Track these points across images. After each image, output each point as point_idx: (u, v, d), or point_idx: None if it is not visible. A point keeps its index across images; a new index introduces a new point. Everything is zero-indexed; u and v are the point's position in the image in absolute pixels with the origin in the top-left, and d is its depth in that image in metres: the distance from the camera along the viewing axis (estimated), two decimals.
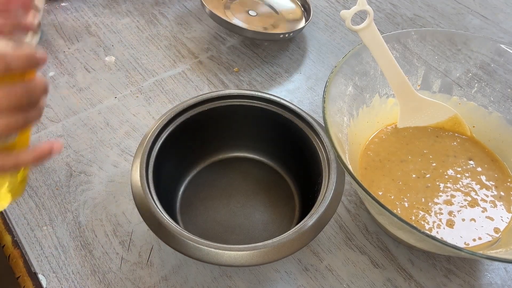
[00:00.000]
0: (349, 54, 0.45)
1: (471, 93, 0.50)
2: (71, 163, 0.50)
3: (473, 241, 0.42)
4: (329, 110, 0.41)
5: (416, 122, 0.51)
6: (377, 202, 0.34)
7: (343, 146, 0.42)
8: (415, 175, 0.46)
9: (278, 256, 0.34)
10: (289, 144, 0.46)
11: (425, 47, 0.50)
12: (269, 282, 0.42)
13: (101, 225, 0.45)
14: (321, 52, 0.66)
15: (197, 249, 0.34)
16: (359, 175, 0.46)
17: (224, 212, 0.46)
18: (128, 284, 0.41)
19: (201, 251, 0.34)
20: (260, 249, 0.34)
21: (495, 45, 0.48)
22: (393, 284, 0.42)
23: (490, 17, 0.75)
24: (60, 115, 0.55)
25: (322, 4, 0.75)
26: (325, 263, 0.44)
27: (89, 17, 0.69)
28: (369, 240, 0.45)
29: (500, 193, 0.45)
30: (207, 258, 0.34)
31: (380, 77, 0.48)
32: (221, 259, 0.34)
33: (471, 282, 0.43)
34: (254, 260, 0.34)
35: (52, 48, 0.63)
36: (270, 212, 0.46)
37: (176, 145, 0.44)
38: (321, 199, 0.38)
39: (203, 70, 0.62)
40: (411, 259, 0.44)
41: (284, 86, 0.61)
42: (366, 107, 0.49)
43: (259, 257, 0.34)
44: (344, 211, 0.48)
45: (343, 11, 0.40)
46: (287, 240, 0.35)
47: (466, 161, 0.48)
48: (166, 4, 0.73)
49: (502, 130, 0.49)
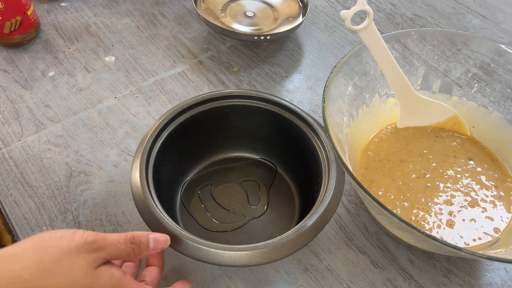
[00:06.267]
0: (349, 54, 0.45)
1: (471, 93, 0.50)
2: (71, 163, 0.50)
3: (473, 241, 0.42)
4: (329, 110, 0.41)
5: (416, 122, 0.51)
6: (377, 202, 0.34)
7: (343, 146, 0.42)
8: (415, 175, 0.46)
9: (278, 256, 0.34)
10: (289, 144, 0.46)
11: (425, 47, 0.50)
12: (269, 282, 0.42)
13: (101, 225, 0.45)
14: (321, 52, 0.66)
15: (197, 249, 0.34)
16: (359, 175, 0.46)
17: (224, 212, 0.46)
18: None
19: (201, 251, 0.34)
20: (260, 249, 0.34)
21: (495, 45, 0.48)
22: (393, 284, 0.42)
23: (490, 17, 0.75)
24: (60, 115, 0.55)
25: (322, 4, 0.75)
26: (325, 263, 0.44)
27: (89, 17, 0.69)
28: (369, 240, 0.45)
29: (500, 193, 0.45)
30: (207, 258, 0.34)
31: (380, 77, 0.48)
32: (221, 259, 0.34)
33: (471, 282, 0.43)
34: (254, 260, 0.34)
35: (52, 48, 0.63)
36: (270, 212, 0.46)
37: (176, 145, 0.44)
38: (320, 199, 0.38)
39: (203, 70, 0.62)
40: (411, 259, 0.44)
41: (284, 86, 0.61)
42: (366, 107, 0.49)
43: (259, 257, 0.34)
44: (344, 211, 0.48)
45: (343, 11, 0.40)
46: (287, 240, 0.35)
47: (466, 161, 0.48)
48: (166, 4, 0.73)
49: (502, 130, 0.49)
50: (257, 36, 0.61)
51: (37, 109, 0.55)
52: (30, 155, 0.51)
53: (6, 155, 0.51)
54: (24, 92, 0.57)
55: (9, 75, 0.59)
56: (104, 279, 0.29)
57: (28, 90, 0.58)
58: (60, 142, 0.52)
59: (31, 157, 0.51)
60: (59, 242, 0.28)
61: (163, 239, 0.33)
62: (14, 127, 0.53)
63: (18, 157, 0.51)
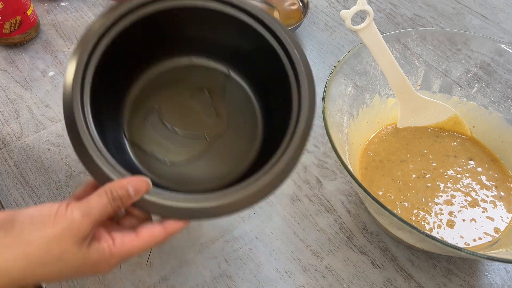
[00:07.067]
0: (349, 54, 0.45)
1: (471, 93, 0.50)
2: (71, 163, 0.50)
3: (474, 241, 0.42)
4: (329, 110, 0.41)
5: (416, 122, 0.51)
6: (377, 202, 0.34)
7: (343, 146, 0.42)
8: (415, 175, 0.46)
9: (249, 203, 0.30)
10: (260, 61, 0.39)
11: (425, 47, 0.50)
12: (269, 282, 0.42)
13: None
14: (321, 52, 0.66)
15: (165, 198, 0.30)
16: (359, 175, 0.46)
17: (182, 138, 0.39)
18: (128, 284, 0.41)
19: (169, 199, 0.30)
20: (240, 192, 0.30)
21: (495, 45, 0.48)
22: (393, 284, 0.42)
23: (490, 17, 0.75)
24: (60, 115, 0.55)
25: (322, 4, 0.75)
26: (325, 263, 0.44)
27: (89, 17, 0.69)
28: (369, 240, 0.45)
29: (500, 193, 0.45)
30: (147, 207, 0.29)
31: (380, 77, 0.48)
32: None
33: (471, 282, 0.43)
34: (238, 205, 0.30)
35: (52, 48, 0.63)
36: (231, 126, 0.40)
37: (125, 48, 0.36)
38: (289, 137, 0.33)
39: None
40: (411, 259, 0.44)
41: None
42: (366, 107, 0.49)
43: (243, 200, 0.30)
44: (344, 211, 0.48)
45: (343, 11, 0.40)
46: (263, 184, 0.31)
47: (466, 161, 0.48)
48: None
49: (502, 130, 0.49)
50: None
51: (37, 109, 0.55)
52: (30, 155, 0.51)
53: (6, 155, 0.51)
54: (24, 92, 0.57)
55: (9, 75, 0.59)
56: (94, 257, 0.28)
57: (28, 90, 0.58)
58: (60, 142, 0.52)
59: (31, 157, 0.51)
60: (42, 231, 0.26)
61: (143, 184, 0.30)
62: (14, 127, 0.53)
63: (18, 157, 0.51)
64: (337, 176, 0.50)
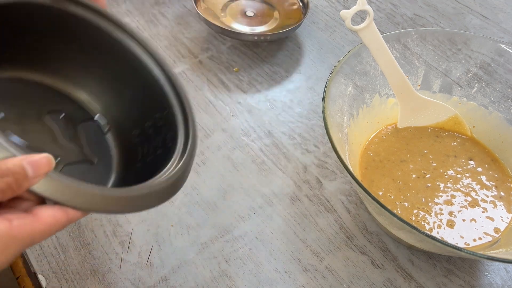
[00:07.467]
0: (349, 53, 0.45)
1: (471, 93, 0.50)
2: None
3: (474, 241, 0.42)
4: (329, 110, 0.41)
5: (416, 122, 0.51)
6: (377, 202, 0.34)
7: (343, 146, 0.42)
8: (415, 175, 0.46)
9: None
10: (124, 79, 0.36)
11: (425, 47, 0.50)
12: (269, 282, 0.42)
13: (101, 225, 0.45)
14: (321, 52, 0.66)
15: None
16: (359, 175, 0.46)
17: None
18: (128, 284, 0.41)
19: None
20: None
21: (495, 45, 0.48)
22: (393, 284, 0.42)
23: (490, 17, 0.75)
24: None
25: (322, 3, 0.75)
26: (325, 263, 0.44)
27: None
28: (369, 240, 0.45)
29: (500, 193, 0.45)
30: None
31: (380, 77, 0.48)
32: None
33: (471, 282, 0.43)
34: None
35: None
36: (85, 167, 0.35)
37: None
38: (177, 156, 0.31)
39: (203, 70, 0.62)
40: (411, 259, 0.44)
41: (284, 86, 0.61)
42: (366, 107, 0.49)
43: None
44: (344, 211, 0.48)
45: (343, 11, 0.40)
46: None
47: (467, 161, 0.48)
48: (166, 4, 0.73)
49: (503, 130, 0.49)
50: (257, 36, 0.61)
51: None
52: None
53: None
54: None
55: None
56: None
57: None
58: None
59: None
60: None
61: (45, 160, 0.24)
62: None
63: None
64: (337, 176, 0.50)
